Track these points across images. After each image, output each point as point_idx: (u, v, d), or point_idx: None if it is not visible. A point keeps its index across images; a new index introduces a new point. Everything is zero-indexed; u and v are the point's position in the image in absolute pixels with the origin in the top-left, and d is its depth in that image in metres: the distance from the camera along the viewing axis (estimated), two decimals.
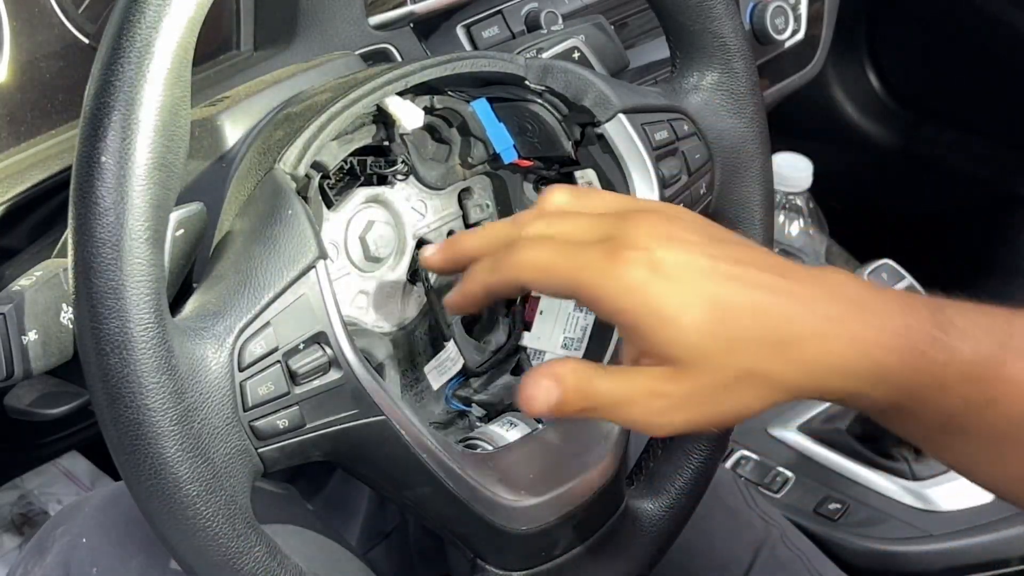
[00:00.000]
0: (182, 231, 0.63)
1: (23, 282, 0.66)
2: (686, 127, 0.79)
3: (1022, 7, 1.43)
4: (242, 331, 0.61)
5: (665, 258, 0.58)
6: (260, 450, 0.62)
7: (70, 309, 0.66)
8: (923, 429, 0.62)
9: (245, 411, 0.61)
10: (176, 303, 0.63)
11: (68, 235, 0.57)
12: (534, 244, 0.61)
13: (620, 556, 0.77)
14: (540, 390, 0.58)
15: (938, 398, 0.59)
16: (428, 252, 0.67)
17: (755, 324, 0.58)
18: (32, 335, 0.65)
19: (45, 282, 0.66)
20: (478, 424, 0.77)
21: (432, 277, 0.79)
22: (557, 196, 0.65)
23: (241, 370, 0.61)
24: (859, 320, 0.59)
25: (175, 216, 0.62)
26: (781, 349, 0.58)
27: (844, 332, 0.58)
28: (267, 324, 0.62)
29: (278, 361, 0.62)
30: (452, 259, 0.66)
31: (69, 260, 0.56)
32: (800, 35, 1.27)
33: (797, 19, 1.25)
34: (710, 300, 0.58)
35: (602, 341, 0.77)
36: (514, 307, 0.83)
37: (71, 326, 0.66)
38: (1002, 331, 0.60)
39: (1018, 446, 0.60)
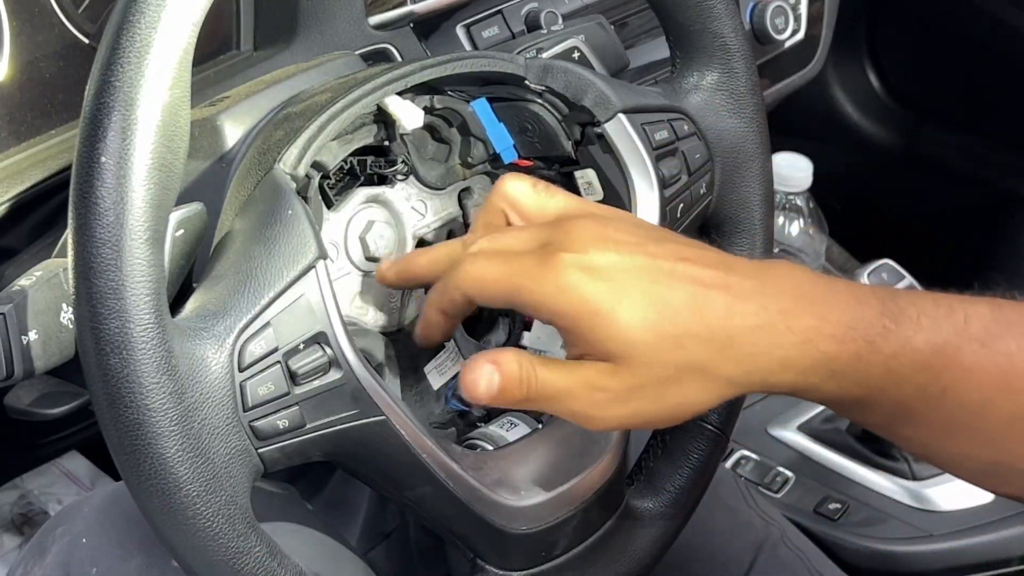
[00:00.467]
0: (182, 231, 0.63)
1: (23, 282, 0.66)
2: (686, 127, 0.79)
3: (1022, 7, 1.43)
4: (242, 331, 0.61)
5: (598, 259, 0.59)
6: (260, 450, 0.62)
7: (70, 309, 0.66)
8: (879, 418, 0.62)
9: (245, 411, 0.61)
10: (176, 303, 0.63)
11: (68, 235, 0.57)
12: (475, 259, 0.62)
13: (620, 556, 0.77)
14: (482, 376, 0.60)
15: (891, 389, 0.59)
16: (384, 267, 0.70)
17: (694, 319, 0.58)
18: (32, 335, 0.65)
19: (45, 282, 0.66)
20: (478, 424, 0.77)
21: None
22: (509, 184, 0.66)
23: (241, 370, 0.61)
24: (806, 312, 0.59)
25: (175, 216, 0.62)
26: (722, 344, 0.59)
27: (790, 324, 0.59)
28: (267, 324, 0.62)
29: (278, 361, 0.62)
30: (404, 277, 0.70)
31: (69, 260, 0.56)
32: (800, 35, 1.27)
33: (797, 19, 1.25)
34: (647, 296, 0.58)
35: None
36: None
37: (71, 326, 0.66)
38: (957, 318, 0.60)
39: (974, 432, 0.61)
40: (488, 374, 0.60)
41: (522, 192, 0.66)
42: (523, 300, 0.60)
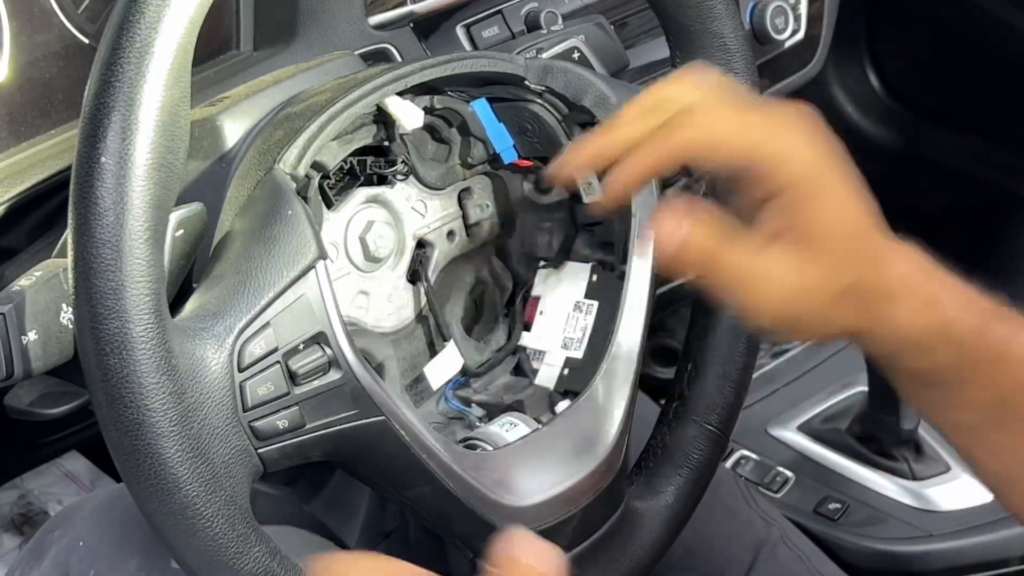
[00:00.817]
0: (182, 231, 0.63)
1: (23, 282, 0.66)
2: None
3: (1022, 7, 1.42)
4: (242, 331, 0.61)
5: (827, 137, 0.60)
6: (260, 450, 0.62)
7: (70, 309, 0.66)
8: (971, 415, 0.63)
9: (245, 411, 0.61)
10: (176, 303, 0.63)
11: (68, 235, 0.57)
12: (707, 110, 0.59)
13: (620, 556, 0.77)
14: (663, 231, 0.58)
15: (995, 374, 0.60)
16: (553, 167, 0.64)
17: (878, 242, 0.60)
18: (32, 335, 0.65)
19: (45, 282, 0.66)
20: (478, 424, 0.77)
21: (432, 277, 0.79)
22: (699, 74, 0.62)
23: (241, 370, 0.61)
24: (931, 279, 0.61)
25: (175, 216, 0.62)
26: (886, 268, 0.60)
27: (928, 281, 0.61)
28: (267, 324, 0.62)
29: (278, 361, 0.62)
30: (600, 154, 0.62)
31: (69, 260, 0.56)
32: (800, 35, 1.27)
33: (797, 19, 1.25)
34: (855, 189, 0.59)
35: (603, 340, 0.77)
36: (514, 307, 0.84)
37: (71, 326, 0.66)
38: None
39: None
40: (672, 229, 0.58)
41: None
42: (761, 154, 0.58)
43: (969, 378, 0.61)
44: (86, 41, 0.83)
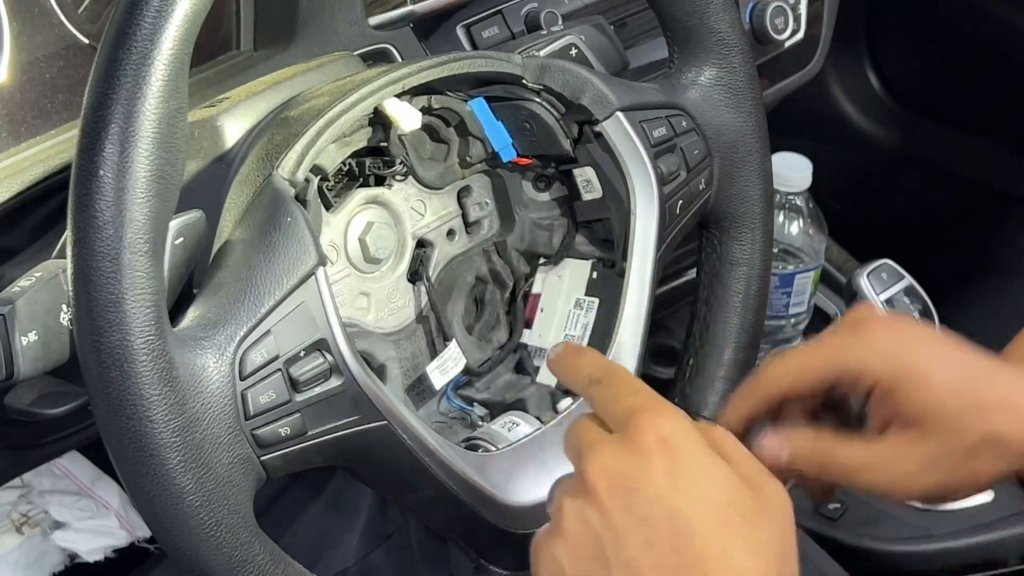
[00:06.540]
0: (181, 239, 0.63)
1: (23, 283, 0.66)
2: (684, 123, 0.79)
3: (1022, 7, 1.42)
4: (243, 340, 0.61)
5: (908, 327, 0.65)
6: (262, 458, 0.62)
7: (70, 310, 0.66)
8: None
9: (247, 420, 0.61)
10: (176, 310, 0.63)
11: (68, 247, 0.57)
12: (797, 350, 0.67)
13: None
14: (769, 449, 0.64)
15: None
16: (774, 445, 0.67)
17: (992, 388, 0.62)
18: (32, 336, 0.65)
19: (45, 283, 0.66)
20: (480, 423, 0.77)
21: (433, 277, 0.79)
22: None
23: (242, 379, 0.61)
24: None
25: (174, 225, 0.62)
26: (1017, 412, 0.62)
27: None
28: (268, 332, 0.62)
29: (279, 369, 0.62)
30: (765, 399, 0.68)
31: (69, 272, 0.56)
32: (800, 35, 1.27)
33: (797, 19, 1.25)
34: (953, 361, 0.63)
35: (603, 339, 0.77)
36: (515, 305, 0.84)
37: (71, 327, 0.66)
38: None
39: None
40: (777, 448, 0.64)
41: None
42: (845, 370, 0.64)
43: None
44: (86, 41, 0.83)
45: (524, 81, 0.77)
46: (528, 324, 0.82)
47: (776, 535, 0.56)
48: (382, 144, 0.75)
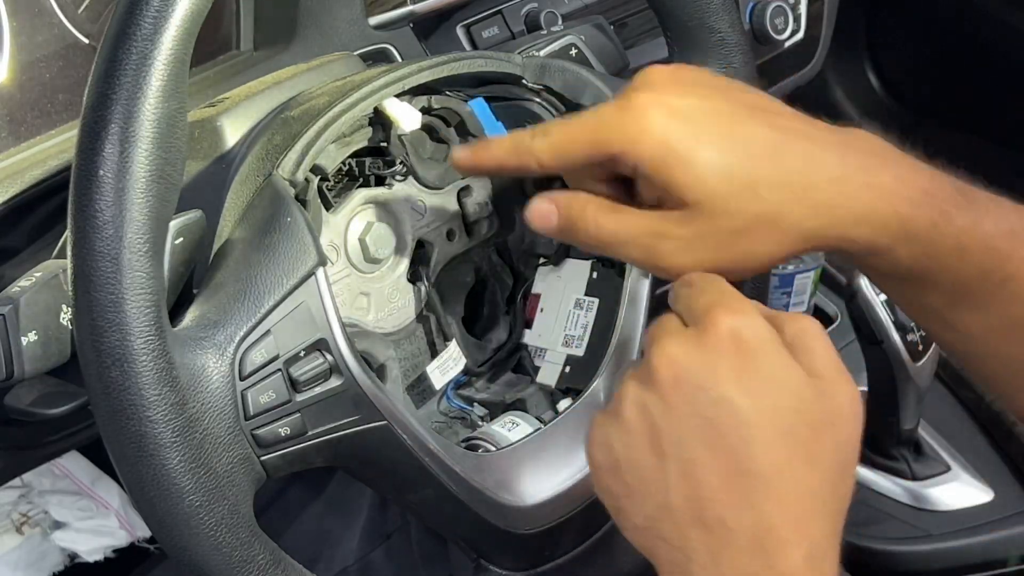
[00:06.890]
0: (181, 239, 0.63)
1: (23, 283, 0.66)
2: None
3: (1022, 7, 1.42)
4: (243, 340, 0.61)
5: (677, 101, 0.58)
6: (262, 458, 0.62)
7: (70, 310, 0.66)
8: (939, 298, 0.61)
9: (247, 420, 0.61)
10: (176, 310, 0.63)
11: (68, 245, 0.57)
12: (548, 125, 0.62)
13: (623, 555, 0.77)
14: (537, 211, 0.61)
15: (957, 266, 0.59)
16: (460, 153, 0.65)
17: (772, 166, 0.57)
18: (32, 336, 0.65)
19: (45, 283, 0.66)
20: (480, 423, 0.77)
21: (433, 277, 0.79)
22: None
23: (242, 379, 0.61)
24: (886, 171, 0.58)
25: (174, 225, 0.62)
26: (799, 193, 0.57)
27: (869, 180, 0.58)
28: (267, 332, 0.62)
29: (279, 369, 0.62)
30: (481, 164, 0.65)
31: (69, 272, 0.56)
32: (800, 35, 1.27)
33: (797, 19, 1.25)
34: (726, 139, 0.57)
35: (604, 337, 0.77)
36: (515, 305, 0.84)
37: (71, 327, 0.66)
38: (1018, 217, 0.60)
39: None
40: (545, 211, 0.61)
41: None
42: (607, 151, 0.59)
43: (931, 269, 0.59)
44: (86, 41, 0.83)
45: (524, 81, 0.77)
46: (528, 324, 0.82)
47: (839, 447, 0.54)
48: (382, 144, 0.75)
